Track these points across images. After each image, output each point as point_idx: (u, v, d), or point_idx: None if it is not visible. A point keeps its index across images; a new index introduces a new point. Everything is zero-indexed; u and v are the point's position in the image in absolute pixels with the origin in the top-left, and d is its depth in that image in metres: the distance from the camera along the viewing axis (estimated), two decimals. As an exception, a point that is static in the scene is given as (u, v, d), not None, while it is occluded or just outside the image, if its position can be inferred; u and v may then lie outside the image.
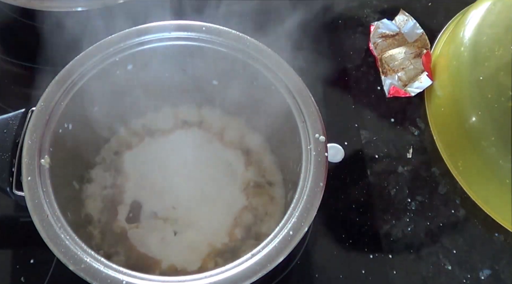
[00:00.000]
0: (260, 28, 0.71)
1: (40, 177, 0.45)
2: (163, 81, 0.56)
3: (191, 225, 0.54)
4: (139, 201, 0.55)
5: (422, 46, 0.68)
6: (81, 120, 0.51)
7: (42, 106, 0.48)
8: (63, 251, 0.42)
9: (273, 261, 0.42)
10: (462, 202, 0.60)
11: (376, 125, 0.65)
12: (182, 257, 0.52)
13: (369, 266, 0.56)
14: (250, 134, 0.59)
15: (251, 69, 0.52)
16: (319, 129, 0.48)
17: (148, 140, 0.58)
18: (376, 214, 0.59)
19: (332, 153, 0.48)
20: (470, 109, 0.57)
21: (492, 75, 0.56)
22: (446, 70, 0.62)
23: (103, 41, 0.51)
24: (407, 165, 0.62)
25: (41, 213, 0.43)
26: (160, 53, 0.53)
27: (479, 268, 0.57)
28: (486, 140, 0.55)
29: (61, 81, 0.49)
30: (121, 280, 0.41)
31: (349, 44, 0.70)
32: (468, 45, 0.58)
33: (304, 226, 0.44)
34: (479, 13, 0.60)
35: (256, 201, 0.55)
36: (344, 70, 0.68)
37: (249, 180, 0.56)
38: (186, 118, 0.60)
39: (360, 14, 0.73)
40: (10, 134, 0.47)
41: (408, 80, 0.66)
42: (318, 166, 0.46)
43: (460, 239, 0.59)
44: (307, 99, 0.49)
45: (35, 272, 0.54)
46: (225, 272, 0.41)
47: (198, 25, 0.52)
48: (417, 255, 0.57)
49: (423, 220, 0.59)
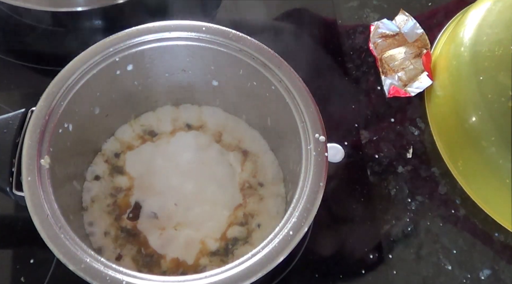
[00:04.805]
0: (260, 28, 0.71)
1: (40, 177, 0.45)
2: (163, 81, 0.56)
3: (190, 225, 0.54)
4: (139, 201, 0.55)
5: (422, 46, 0.68)
6: (81, 120, 0.51)
7: (42, 106, 0.48)
8: (63, 251, 0.42)
9: (273, 261, 0.42)
10: (462, 202, 0.60)
11: (376, 125, 0.65)
12: (181, 255, 0.52)
13: (369, 266, 0.56)
14: (249, 134, 0.59)
15: (251, 69, 0.52)
16: (319, 129, 0.48)
17: (148, 141, 0.58)
18: (376, 214, 0.59)
19: (332, 153, 0.48)
20: (470, 109, 0.57)
21: (492, 75, 0.56)
22: (446, 70, 0.62)
23: (103, 41, 0.51)
24: (407, 165, 0.62)
25: (41, 213, 0.43)
26: (160, 53, 0.53)
27: (479, 268, 0.57)
28: (486, 140, 0.55)
29: (61, 81, 0.49)
30: (121, 280, 0.41)
31: (349, 44, 0.70)
32: (468, 45, 0.58)
33: (304, 226, 0.44)
34: (479, 13, 0.60)
35: (255, 201, 0.55)
36: (344, 70, 0.68)
37: (249, 180, 0.56)
38: (186, 118, 0.60)
39: (360, 14, 0.73)
40: (10, 134, 0.47)
41: (408, 80, 0.66)
42: (318, 166, 0.46)
43: (460, 239, 0.59)
44: (307, 99, 0.49)
45: (35, 272, 0.54)
46: (225, 272, 0.41)
47: (198, 25, 0.52)
48: (417, 255, 0.57)
49: (423, 220, 0.59)
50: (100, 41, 0.51)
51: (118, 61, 0.51)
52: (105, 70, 0.51)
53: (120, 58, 0.51)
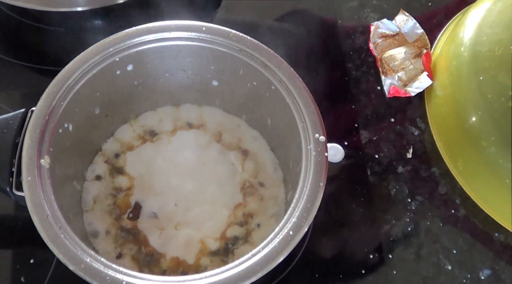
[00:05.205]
0: (260, 28, 0.71)
1: (40, 177, 0.45)
2: (163, 81, 0.56)
3: (190, 225, 0.54)
4: (139, 201, 0.55)
5: (422, 46, 0.68)
6: (81, 120, 0.51)
7: (42, 106, 0.48)
8: (63, 251, 0.42)
9: (273, 261, 0.42)
10: (462, 202, 0.60)
11: (376, 125, 0.65)
12: (181, 254, 0.52)
13: (369, 266, 0.56)
14: (249, 134, 0.59)
15: (251, 69, 0.52)
16: (319, 129, 0.48)
17: (148, 141, 0.58)
18: (376, 214, 0.59)
19: (332, 153, 0.48)
20: (470, 109, 0.57)
21: (492, 75, 0.56)
22: (446, 70, 0.62)
23: (103, 41, 0.51)
24: (407, 165, 0.62)
25: (41, 213, 0.43)
26: (160, 53, 0.53)
27: (479, 268, 0.57)
28: (486, 140, 0.55)
29: (61, 81, 0.49)
30: (121, 280, 0.41)
31: (349, 44, 0.70)
32: (468, 45, 0.58)
33: (304, 226, 0.44)
34: (479, 13, 0.60)
35: (255, 201, 0.55)
36: (344, 70, 0.68)
37: (249, 180, 0.56)
38: (186, 118, 0.60)
39: (360, 14, 0.73)
40: (10, 134, 0.47)
41: (408, 80, 0.66)
42: (318, 166, 0.46)
43: (460, 239, 0.59)
44: (307, 99, 0.49)
45: (35, 272, 0.54)
46: (225, 272, 0.41)
47: (198, 25, 0.52)
48: (417, 255, 0.57)
49: (423, 220, 0.59)
50: (100, 41, 0.51)
51: (118, 61, 0.51)
52: (105, 70, 0.51)
53: (120, 58, 0.51)
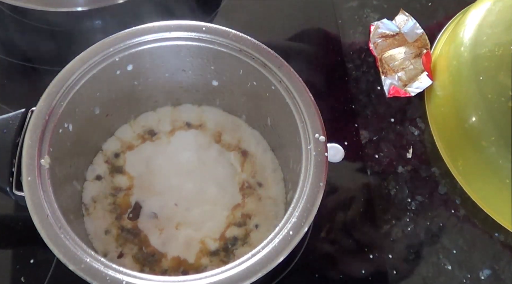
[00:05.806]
0: (260, 28, 0.71)
1: (40, 177, 0.45)
2: (163, 81, 0.56)
3: (190, 225, 0.54)
4: (139, 201, 0.55)
5: (422, 46, 0.68)
6: (81, 120, 0.51)
7: (42, 106, 0.48)
8: (63, 251, 0.42)
9: (273, 261, 0.42)
10: (462, 202, 0.60)
11: (376, 125, 0.65)
12: (182, 254, 0.52)
13: (369, 266, 0.56)
14: (249, 134, 0.59)
15: (251, 69, 0.52)
16: (319, 129, 0.48)
17: (148, 141, 0.58)
18: (376, 214, 0.59)
19: (332, 153, 0.48)
20: (470, 109, 0.57)
21: (492, 75, 0.56)
22: (446, 70, 0.62)
23: (103, 41, 0.51)
24: (407, 165, 0.62)
25: (41, 213, 0.43)
26: (160, 53, 0.53)
27: (479, 268, 0.57)
28: (486, 140, 0.55)
29: (61, 81, 0.49)
30: (121, 280, 0.41)
31: (349, 44, 0.70)
32: (468, 45, 0.58)
33: (304, 226, 0.44)
34: (479, 13, 0.60)
35: (254, 201, 0.55)
36: (344, 70, 0.68)
37: (248, 180, 0.56)
38: (186, 118, 0.60)
39: (360, 14, 0.73)
40: (10, 135, 0.47)
41: (408, 80, 0.66)
42: (318, 166, 0.46)
43: (460, 239, 0.59)
44: (307, 99, 0.49)
45: (35, 272, 0.54)
46: (225, 272, 0.41)
47: (198, 25, 0.52)
48: (417, 255, 0.57)
49: (423, 220, 0.59)
50: (100, 41, 0.51)
51: (118, 61, 0.51)
52: (105, 70, 0.51)
53: (120, 58, 0.51)
